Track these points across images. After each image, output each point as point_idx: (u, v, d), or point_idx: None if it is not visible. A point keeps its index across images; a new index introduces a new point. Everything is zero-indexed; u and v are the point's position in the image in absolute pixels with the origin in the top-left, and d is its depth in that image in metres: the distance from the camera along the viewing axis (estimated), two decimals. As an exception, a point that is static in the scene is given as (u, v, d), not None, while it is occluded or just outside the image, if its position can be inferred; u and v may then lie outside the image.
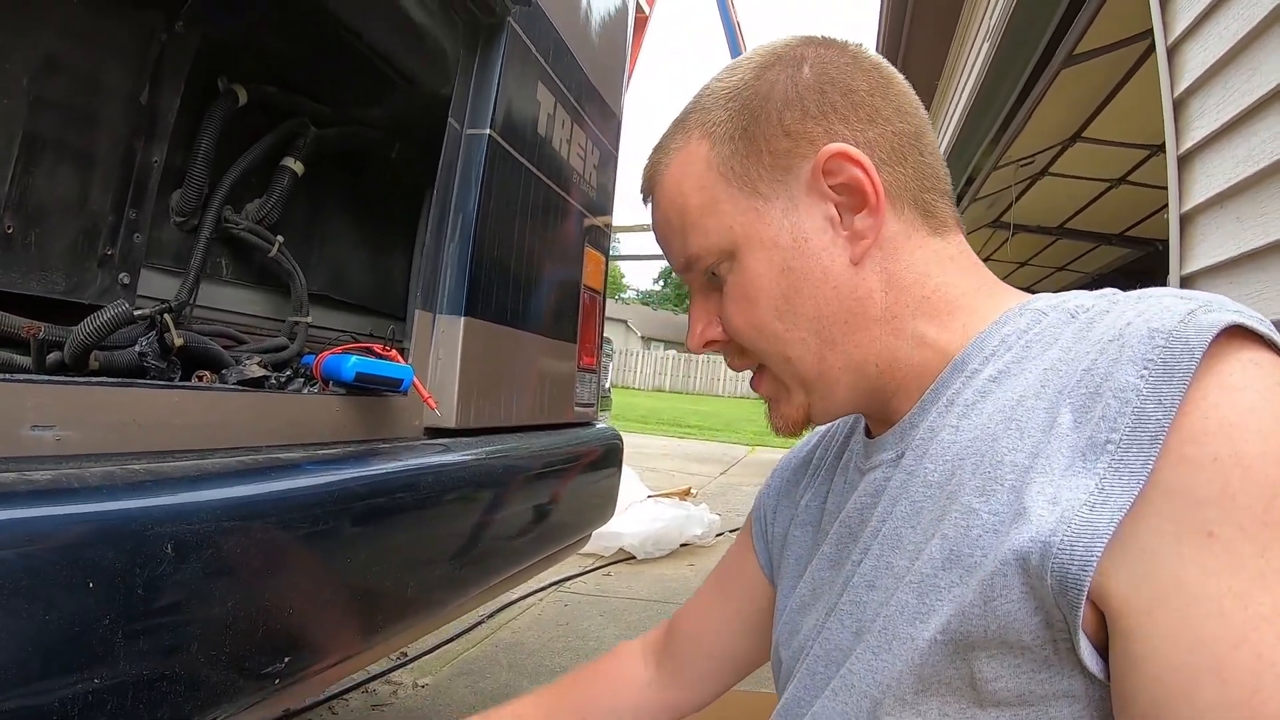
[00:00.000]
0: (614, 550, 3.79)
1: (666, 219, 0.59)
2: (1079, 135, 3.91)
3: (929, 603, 0.45)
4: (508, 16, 1.29)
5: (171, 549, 0.63)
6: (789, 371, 0.56)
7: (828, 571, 0.60)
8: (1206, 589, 0.37)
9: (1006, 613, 0.41)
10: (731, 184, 0.55)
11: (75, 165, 0.98)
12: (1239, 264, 1.38)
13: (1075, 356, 0.44)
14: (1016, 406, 0.45)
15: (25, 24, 0.90)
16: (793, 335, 0.54)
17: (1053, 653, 0.41)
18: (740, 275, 0.55)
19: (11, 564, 0.51)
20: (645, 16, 3.97)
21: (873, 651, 0.49)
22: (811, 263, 0.53)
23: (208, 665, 0.68)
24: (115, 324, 0.81)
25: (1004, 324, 0.51)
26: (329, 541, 0.85)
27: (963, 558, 0.44)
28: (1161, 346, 0.40)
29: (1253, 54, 1.36)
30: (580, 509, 1.64)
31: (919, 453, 0.51)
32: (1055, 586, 0.39)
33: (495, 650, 2.47)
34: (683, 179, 0.58)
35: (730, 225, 0.55)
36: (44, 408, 0.63)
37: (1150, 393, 0.39)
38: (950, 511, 0.46)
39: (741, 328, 0.56)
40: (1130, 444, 0.39)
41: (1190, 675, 0.37)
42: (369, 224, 1.56)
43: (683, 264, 0.59)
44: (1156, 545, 0.38)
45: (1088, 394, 0.41)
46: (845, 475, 0.63)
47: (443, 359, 1.21)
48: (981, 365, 0.50)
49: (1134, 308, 0.44)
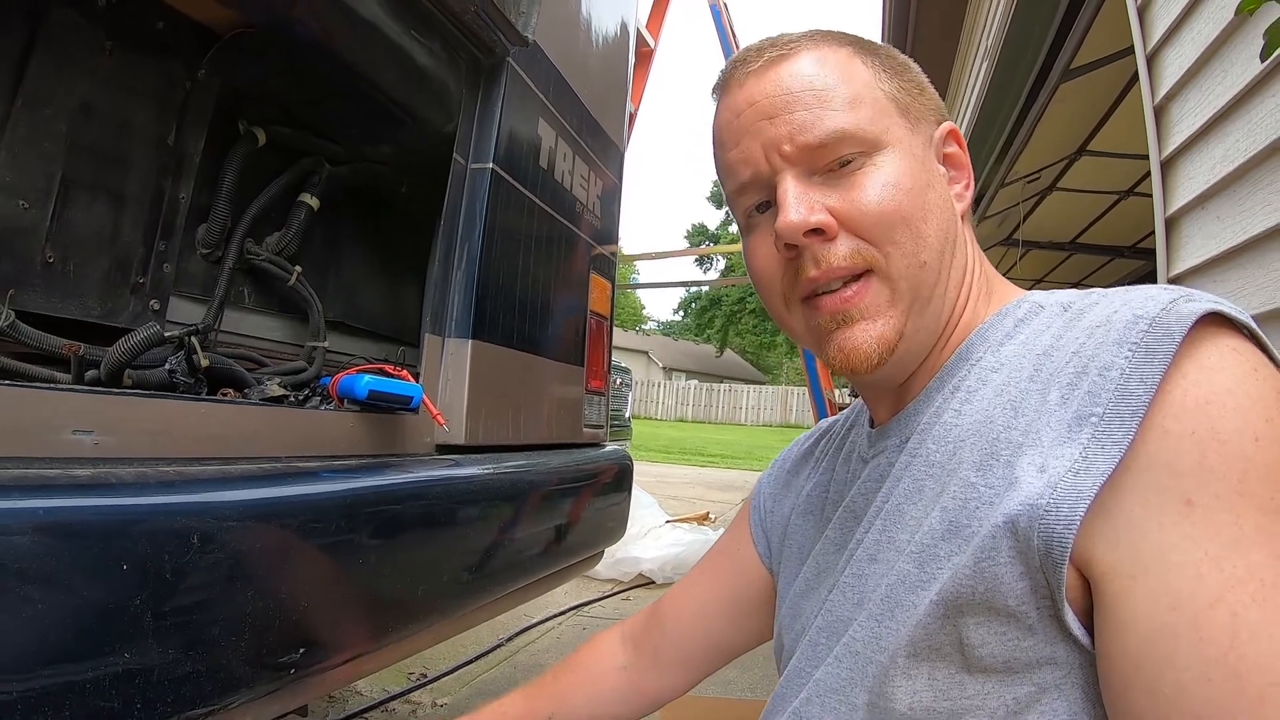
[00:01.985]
0: (633, 575, 3.80)
1: (814, 82, 0.55)
2: (1084, 149, 3.93)
3: (929, 571, 0.47)
4: (507, 56, 1.36)
5: (198, 540, 0.70)
6: (913, 280, 0.54)
7: (831, 555, 0.61)
8: (1185, 554, 0.39)
9: (994, 575, 0.43)
10: (892, 100, 0.57)
11: (109, 201, 1.05)
12: (1220, 262, 1.41)
13: (1066, 342, 0.47)
14: (1013, 389, 0.48)
15: (64, 74, 0.98)
16: (932, 241, 0.54)
17: (1037, 619, 0.43)
18: (891, 168, 0.54)
19: (55, 548, 0.58)
20: (650, 50, 4.08)
21: (875, 619, 0.51)
22: (944, 191, 0.58)
23: (227, 650, 0.73)
24: (148, 344, 0.88)
25: (1005, 315, 0.56)
26: (342, 544, 0.90)
27: (961, 529, 0.46)
28: (1145, 330, 0.43)
29: (1223, 56, 1.40)
30: (588, 527, 1.67)
31: (923, 436, 0.54)
32: (1041, 547, 0.41)
33: (514, 672, 2.50)
34: (838, 63, 0.56)
35: (889, 126, 0.55)
36: (83, 415, 0.70)
37: (1133, 371, 0.42)
38: (950, 487, 0.48)
39: (890, 213, 0.53)
40: (1113, 416, 0.41)
41: (1170, 633, 0.39)
42: (381, 255, 1.63)
43: (827, 136, 0.54)
44: (1140, 514, 0.40)
45: (1075, 373, 0.45)
46: (848, 465, 0.66)
47: (452, 379, 1.26)
48: (984, 354, 0.54)
49: (1121, 298, 0.47)
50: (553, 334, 1.58)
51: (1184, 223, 1.58)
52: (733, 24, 4.77)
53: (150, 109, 1.10)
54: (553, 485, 1.51)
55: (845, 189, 0.54)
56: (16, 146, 0.94)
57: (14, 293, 0.91)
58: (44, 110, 0.97)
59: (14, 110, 0.94)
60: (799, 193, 0.54)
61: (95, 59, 1.02)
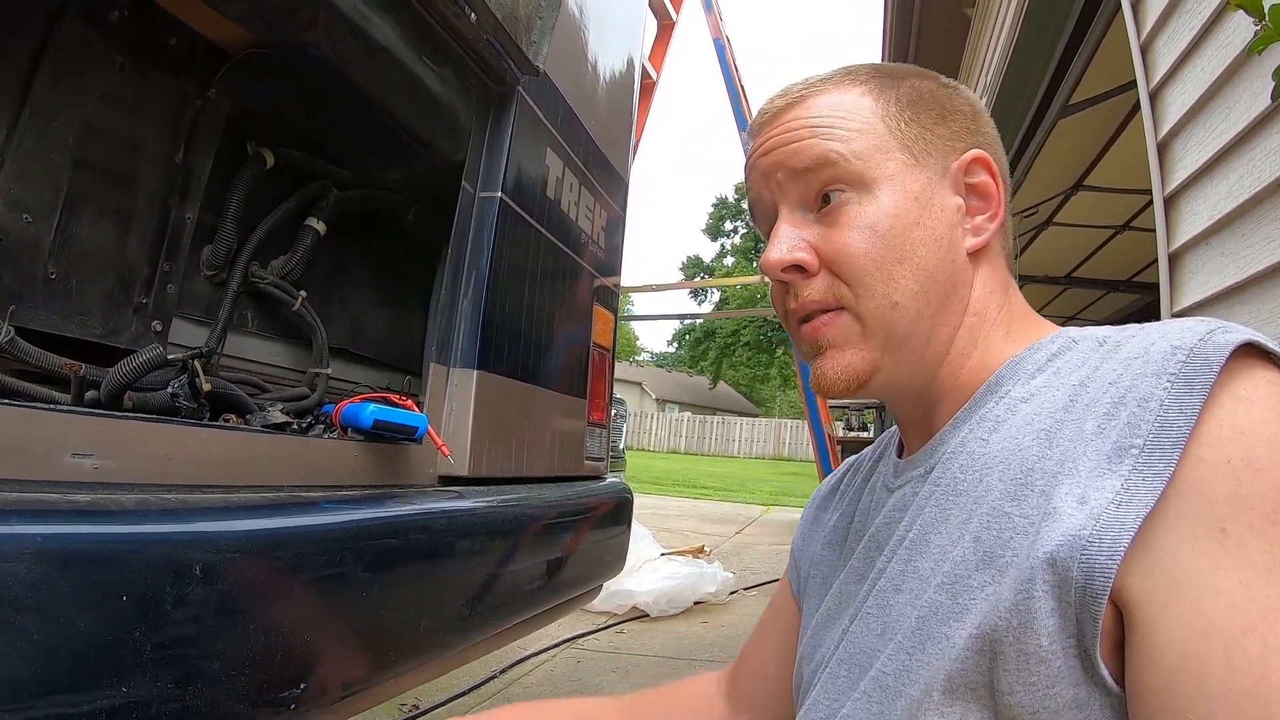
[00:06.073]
0: (627, 608, 3.76)
1: (812, 120, 0.58)
2: (1080, 184, 3.97)
3: (962, 602, 0.46)
4: (517, 85, 1.36)
5: (200, 571, 0.67)
6: (884, 320, 0.55)
7: (853, 585, 0.60)
8: (1218, 582, 0.39)
9: (1029, 610, 0.42)
10: (893, 136, 0.57)
11: (114, 219, 1.04)
12: (1225, 297, 1.41)
13: (1103, 373, 0.47)
14: (1046, 419, 0.48)
15: (73, 87, 0.97)
16: (906, 284, 0.55)
17: (1063, 661, 0.42)
18: (872, 208, 0.55)
19: (53, 575, 0.55)
20: (653, 82, 4.12)
21: (906, 652, 0.49)
22: (940, 230, 0.57)
23: (227, 684, 0.70)
24: (150, 366, 0.86)
25: (1038, 349, 0.55)
26: (345, 576, 0.88)
27: (995, 558, 0.45)
28: (1183, 361, 0.43)
29: (1226, 94, 1.41)
30: (589, 560, 1.65)
31: (948, 464, 0.53)
32: (1080, 579, 0.41)
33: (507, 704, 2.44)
34: (844, 102, 0.58)
35: (881, 163, 0.56)
36: (84, 438, 0.68)
37: (1172, 402, 0.42)
38: (978, 515, 0.48)
39: (859, 256, 0.55)
40: (1153, 448, 0.41)
41: (1201, 662, 0.38)
42: (387, 282, 1.62)
43: (812, 161, 0.57)
44: (1174, 541, 0.40)
45: (1112, 403, 0.44)
46: (872, 495, 0.65)
47: (456, 410, 1.24)
48: (1014, 386, 0.53)
49: (1158, 331, 0.47)
50: (556, 365, 1.57)
51: (1188, 258, 1.58)
52: (736, 59, 4.83)
53: (159, 126, 1.09)
54: (555, 519, 1.49)
55: (827, 227, 0.57)
56: (22, 159, 0.92)
57: (14, 309, 0.89)
58: (51, 123, 0.95)
59: (20, 121, 0.92)
60: (787, 231, 0.58)
61: (105, 73, 1.01)
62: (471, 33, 1.20)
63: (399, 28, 1.14)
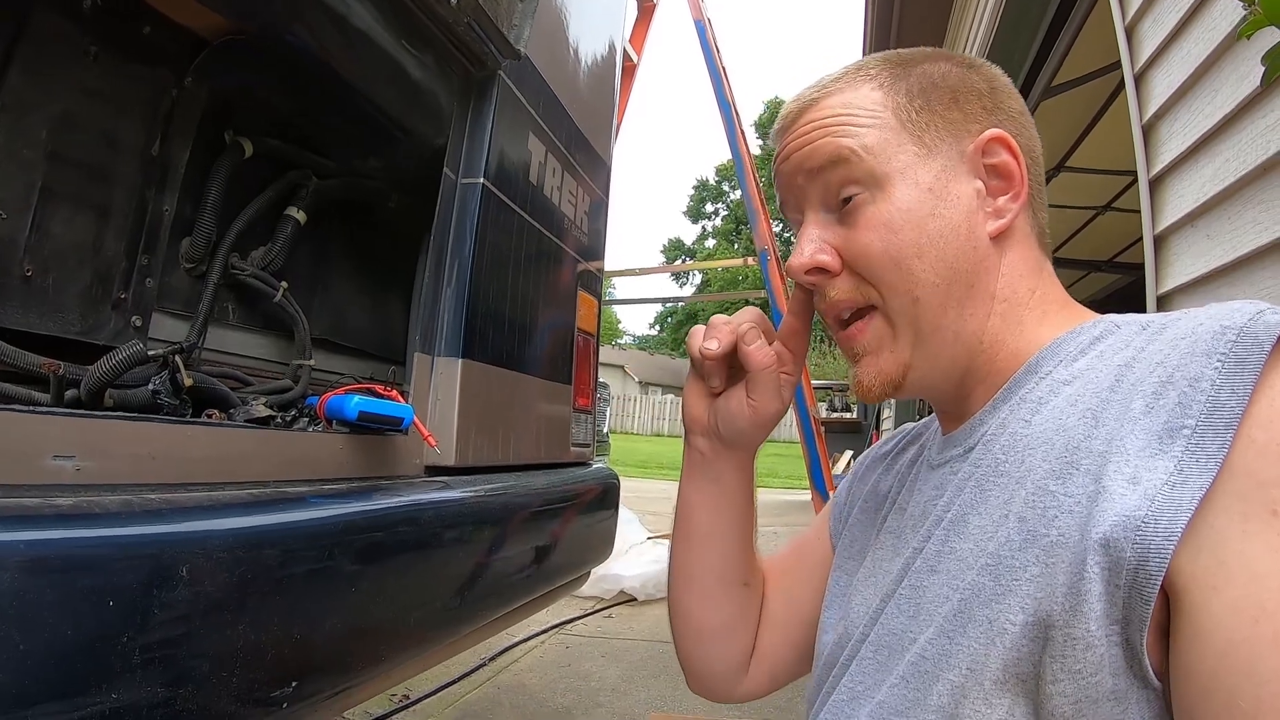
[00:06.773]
0: (615, 592, 3.77)
1: (825, 119, 0.59)
2: (1062, 165, 3.99)
3: (1005, 583, 0.46)
4: (499, 70, 1.34)
5: (186, 572, 0.66)
6: (908, 316, 0.56)
7: (887, 561, 0.60)
8: (1270, 565, 0.38)
9: (1079, 591, 0.42)
10: (904, 128, 0.57)
11: (90, 213, 1.01)
12: (1210, 279, 1.42)
13: (1148, 354, 0.46)
14: (1091, 399, 0.47)
15: (45, 79, 0.95)
16: (926, 277, 0.55)
17: (1106, 649, 0.42)
18: (887, 205, 0.56)
19: (36, 581, 0.54)
20: (634, 64, 4.07)
21: (947, 635, 0.49)
22: (958, 218, 0.56)
23: (218, 685, 0.70)
24: (131, 363, 0.85)
25: (1080, 333, 0.54)
26: (333, 572, 0.87)
27: (1039, 538, 0.45)
28: (1233, 341, 0.42)
29: (1213, 76, 1.41)
30: (577, 547, 1.65)
31: (988, 445, 0.53)
32: (1134, 560, 0.40)
33: (497, 692, 2.45)
34: (855, 99, 0.59)
35: (892, 156, 0.57)
36: (65, 439, 0.66)
37: (1224, 382, 0.41)
38: (1020, 495, 0.47)
39: (877, 255, 0.56)
40: (1206, 429, 0.41)
41: (1252, 647, 0.38)
42: (369, 271, 1.60)
43: (826, 160, 0.58)
44: (1224, 524, 0.39)
45: (1159, 383, 0.43)
46: (913, 469, 0.66)
47: (441, 399, 1.23)
48: (1055, 368, 0.53)
49: (1205, 313, 0.46)
50: (541, 352, 1.56)
51: (1173, 240, 1.58)
52: (717, 40, 4.79)
53: (134, 117, 1.06)
54: (542, 506, 1.48)
55: (847, 228, 0.58)
56: (-7, 154, 0.90)
57: (-11, 308, 0.87)
58: (23, 116, 0.93)
59: (-9, 116, 0.90)
60: (811, 235, 0.59)
61: (78, 64, 0.98)
62: (452, 16, 1.18)
63: (378, 12, 1.12)
